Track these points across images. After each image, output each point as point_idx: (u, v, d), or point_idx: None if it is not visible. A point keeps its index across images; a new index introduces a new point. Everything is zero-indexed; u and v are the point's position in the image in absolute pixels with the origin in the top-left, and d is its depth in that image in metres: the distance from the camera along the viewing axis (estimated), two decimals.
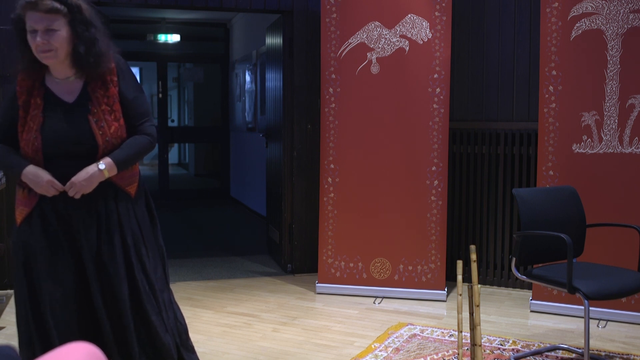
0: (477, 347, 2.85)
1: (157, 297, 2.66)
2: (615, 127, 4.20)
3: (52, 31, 2.45)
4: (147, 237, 2.69)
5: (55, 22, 2.45)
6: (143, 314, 2.59)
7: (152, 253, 2.71)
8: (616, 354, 3.62)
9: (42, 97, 2.55)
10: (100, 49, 2.51)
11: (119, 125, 2.56)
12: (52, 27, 2.45)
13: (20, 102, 2.55)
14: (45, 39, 2.45)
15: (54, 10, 2.43)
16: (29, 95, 2.56)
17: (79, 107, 2.54)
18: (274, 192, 5.94)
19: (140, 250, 2.63)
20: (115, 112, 2.56)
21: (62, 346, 1.35)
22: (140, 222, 2.66)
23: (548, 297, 4.38)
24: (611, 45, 4.19)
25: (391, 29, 4.74)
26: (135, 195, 2.66)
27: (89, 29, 2.49)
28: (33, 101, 2.55)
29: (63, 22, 2.46)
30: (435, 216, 4.71)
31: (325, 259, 4.89)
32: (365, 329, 4.09)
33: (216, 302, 4.68)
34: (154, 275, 2.66)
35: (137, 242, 2.62)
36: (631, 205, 4.15)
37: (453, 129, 5.06)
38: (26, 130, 2.52)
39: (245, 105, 9.24)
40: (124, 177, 2.61)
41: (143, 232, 2.66)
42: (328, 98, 4.86)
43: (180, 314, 2.87)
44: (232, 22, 10.15)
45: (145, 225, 2.70)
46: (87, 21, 2.49)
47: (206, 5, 5.27)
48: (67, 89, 2.57)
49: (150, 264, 2.67)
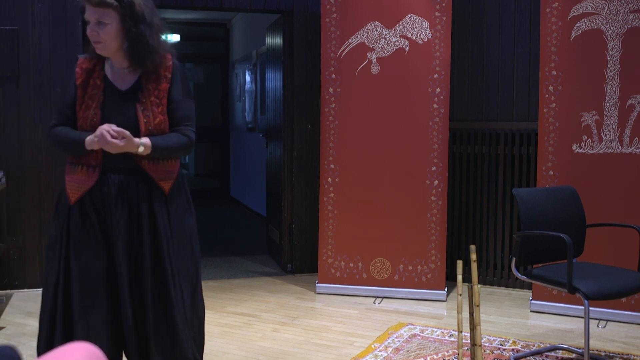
0: (477, 347, 2.85)
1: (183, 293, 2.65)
2: (615, 127, 4.20)
3: (103, 24, 2.52)
4: (178, 232, 2.67)
5: (107, 16, 2.52)
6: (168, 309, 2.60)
7: (183, 251, 2.69)
8: (616, 354, 3.62)
9: (101, 79, 2.63)
10: (148, 45, 2.56)
11: (163, 119, 2.62)
12: (103, 20, 2.52)
13: (79, 82, 2.63)
14: (95, 31, 2.53)
15: (104, 4, 2.50)
16: (88, 77, 2.64)
17: (130, 95, 2.61)
18: (274, 192, 5.94)
19: (170, 245, 2.62)
20: (163, 106, 2.62)
21: (62, 346, 1.35)
22: (172, 217, 2.65)
23: (548, 297, 4.38)
24: (611, 45, 4.19)
25: (391, 29, 4.74)
26: (170, 192, 2.66)
27: (137, 25, 2.54)
28: (92, 82, 2.63)
29: (114, 16, 2.53)
30: (435, 216, 4.71)
31: (325, 259, 4.89)
32: (365, 329, 4.09)
33: (216, 302, 4.68)
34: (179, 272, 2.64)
35: (167, 236, 2.62)
36: (631, 205, 4.15)
37: (453, 129, 5.06)
38: (84, 108, 2.60)
39: (245, 105, 9.24)
40: (158, 170, 2.63)
41: (172, 228, 2.65)
42: (328, 98, 4.86)
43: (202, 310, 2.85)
44: (232, 22, 10.16)
45: (177, 224, 2.67)
46: (137, 17, 2.54)
47: (206, 5, 5.27)
48: (122, 78, 2.64)
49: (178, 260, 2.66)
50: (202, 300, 2.83)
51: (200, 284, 2.82)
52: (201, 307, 2.82)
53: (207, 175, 12.33)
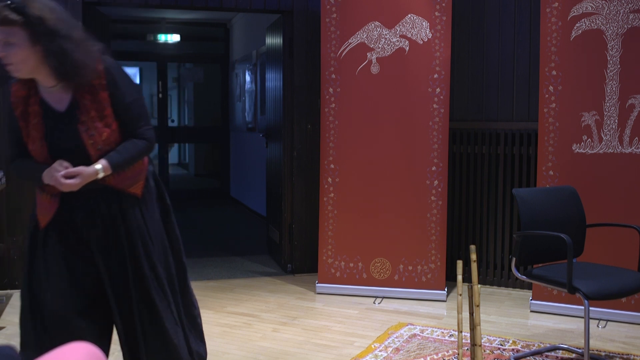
0: (477, 347, 2.85)
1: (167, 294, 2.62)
2: (615, 127, 4.20)
3: (10, 45, 2.28)
4: (155, 233, 2.63)
5: (12, 35, 2.27)
6: (153, 312, 2.58)
7: (162, 249, 2.66)
8: (616, 354, 3.62)
9: (38, 104, 2.44)
10: (75, 58, 2.33)
11: (111, 131, 2.46)
12: (10, 40, 2.28)
13: (18, 113, 2.45)
14: (4, 52, 2.30)
15: (7, 22, 2.25)
16: (25, 105, 2.45)
17: (69, 117, 2.43)
18: (274, 192, 5.94)
19: (149, 248, 2.58)
20: (107, 117, 2.44)
21: (62, 346, 1.35)
22: (147, 220, 2.60)
23: (548, 297, 4.38)
24: (611, 45, 4.19)
25: (391, 29, 4.74)
26: (143, 194, 2.59)
27: (54, 41, 2.29)
28: (31, 109, 2.44)
29: (22, 35, 2.28)
30: (435, 216, 4.71)
31: (325, 259, 4.89)
32: (365, 329, 4.09)
33: (216, 302, 4.68)
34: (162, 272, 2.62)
35: (145, 242, 2.57)
36: (631, 205, 4.15)
37: (453, 129, 5.06)
38: (31, 140, 2.44)
39: (245, 105, 9.24)
40: (125, 179, 2.53)
41: (150, 230, 2.60)
42: (328, 98, 4.86)
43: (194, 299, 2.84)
44: (232, 22, 10.15)
45: (154, 221, 2.64)
46: (51, 32, 2.29)
47: (206, 5, 5.27)
48: (57, 98, 2.45)
49: (159, 260, 2.63)
50: (193, 299, 2.80)
51: (188, 282, 2.79)
52: (194, 306, 2.80)
53: (207, 175, 12.34)
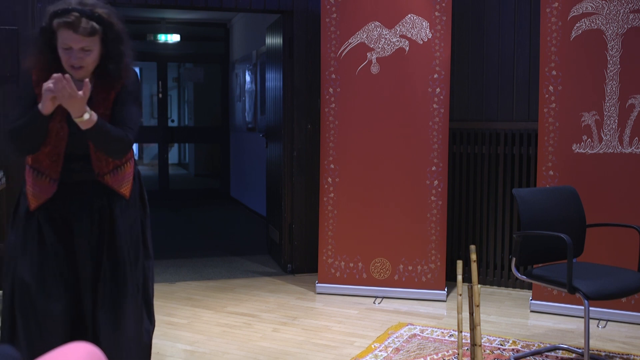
0: (477, 347, 2.85)
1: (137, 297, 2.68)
2: (615, 127, 4.20)
3: (88, 51, 2.47)
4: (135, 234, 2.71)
5: (94, 43, 2.47)
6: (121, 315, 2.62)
7: (136, 253, 2.71)
8: (616, 354, 3.62)
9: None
10: (127, 62, 2.55)
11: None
12: (89, 47, 2.46)
13: (38, 91, 2.49)
14: (80, 57, 2.46)
15: (93, 33, 2.45)
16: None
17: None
18: (274, 192, 5.94)
19: (128, 248, 2.65)
20: (108, 116, 2.56)
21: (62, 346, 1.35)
22: (132, 224, 2.69)
23: (548, 297, 4.38)
24: (611, 45, 4.19)
25: (391, 29, 4.74)
26: (130, 196, 2.69)
27: (119, 46, 2.52)
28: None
29: (97, 40, 2.48)
30: (435, 216, 4.71)
31: (325, 259, 4.89)
32: (365, 329, 4.09)
33: (216, 302, 4.69)
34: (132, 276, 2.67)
35: (126, 242, 2.65)
36: (631, 205, 4.15)
37: (453, 129, 5.06)
38: (52, 119, 2.49)
39: (245, 105, 9.24)
40: (118, 180, 2.64)
41: (131, 230, 2.68)
42: (328, 98, 4.86)
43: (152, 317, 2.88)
44: (232, 22, 10.15)
45: (135, 222, 2.72)
46: (118, 38, 2.52)
47: (206, 5, 5.27)
48: (77, 88, 2.53)
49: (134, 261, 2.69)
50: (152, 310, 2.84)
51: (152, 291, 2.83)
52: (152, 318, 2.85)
53: (207, 175, 12.34)
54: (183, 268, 5.72)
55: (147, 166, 13.76)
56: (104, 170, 2.60)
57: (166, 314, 4.35)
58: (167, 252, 6.35)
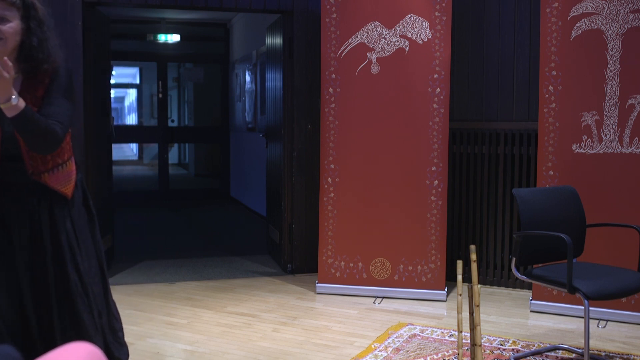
0: (477, 347, 2.85)
1: (90, 297, 2.66)
2: (615, 127, 4.20)
3: (5, 20, 2.45)
4: (82, 237, 2.69)
5: (8, 11, 2.45)
6: (74, 313, 2.60)
7: (87, 252, 2.70)
8: (616, 354, 3.62)
9: None
10: (50, 47, 2.54)
11: None
12: (5, 16, 2.45)
13: None
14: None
15: (12, 4, 2.45)
16: None
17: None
18: (274, 192, 5.94)
19: (74, 250, 2.63)
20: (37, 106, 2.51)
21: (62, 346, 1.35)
22: (75, 222, 2.65)
23: (548, 297, 4.38)
24: (611, 45, 4.19)
25: (391, 29, 4.74)
26: (72, 196, 2.65)
27: (41, 27, 2.52)
28: None
29: (16, 14, 2.47)
30: (435, 216, 4.71)
31: (325, 259, 4.89)
32: (365, 329, 4.09)
33: (216, 302, 4.69)
34: (87, 275, 2.66)
35: (71, 243, 2.62)
36: (631, 205, 4.15)
37: (453, 129, 5.06)
38: None
39: (245, 105, 9.25)
40: (58, 178, 2.59)
41: (77, 233, 2.66)
42: (328, 98, 4.86)
43: (116, 311, 2.88)
44: (232, 22, 10.16)
45: (81, 225, 2.69)
46: (40, 20, 2.53)
47: (206, 5, 5.27)
48: None
49: (84, 263, 2.66)
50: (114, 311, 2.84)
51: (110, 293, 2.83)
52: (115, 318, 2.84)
53: (207, 175, 12.34)
54: (183, 268, 5.72)
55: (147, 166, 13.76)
56: (40, 169, 2.54)
57: (166, 314, 4.36)
58: (167, 252, 6.35)
